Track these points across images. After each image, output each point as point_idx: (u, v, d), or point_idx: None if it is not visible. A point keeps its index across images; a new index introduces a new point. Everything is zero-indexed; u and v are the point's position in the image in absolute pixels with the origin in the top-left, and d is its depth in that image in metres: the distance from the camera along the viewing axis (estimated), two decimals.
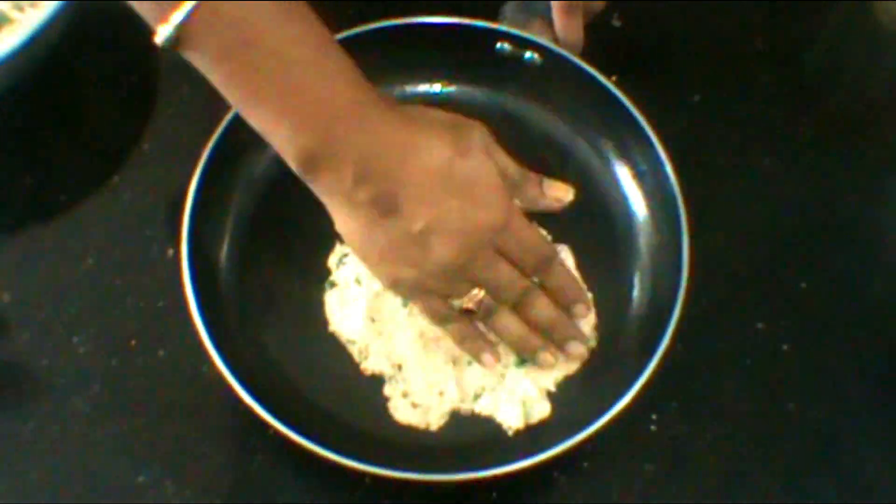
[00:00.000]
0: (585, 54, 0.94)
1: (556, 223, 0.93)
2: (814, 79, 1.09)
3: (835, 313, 0.94)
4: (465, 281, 0.81)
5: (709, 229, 0.89)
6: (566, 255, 0.92)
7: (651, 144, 0.91)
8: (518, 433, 0.86)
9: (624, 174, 0.96)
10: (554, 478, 0.86)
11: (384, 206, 0.75)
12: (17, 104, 0.98)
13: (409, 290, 0.82)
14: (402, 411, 0.87)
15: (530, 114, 0.98)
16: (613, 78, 0.93)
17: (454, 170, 0.77)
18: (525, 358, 0.88)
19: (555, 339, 0.87)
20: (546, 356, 0.87)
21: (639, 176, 0.95)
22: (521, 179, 0.88)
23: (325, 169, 0.74)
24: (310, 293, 0.91)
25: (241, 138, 0.89)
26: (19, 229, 0.95)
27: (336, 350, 0.89)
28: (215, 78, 0.72)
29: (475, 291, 0.82)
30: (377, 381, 0.88)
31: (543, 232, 0.92)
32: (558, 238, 0.93)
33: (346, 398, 0.87)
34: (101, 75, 1.02)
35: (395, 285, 0.82)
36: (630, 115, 0.92)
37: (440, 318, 0.84)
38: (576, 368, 0.89)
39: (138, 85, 1.02)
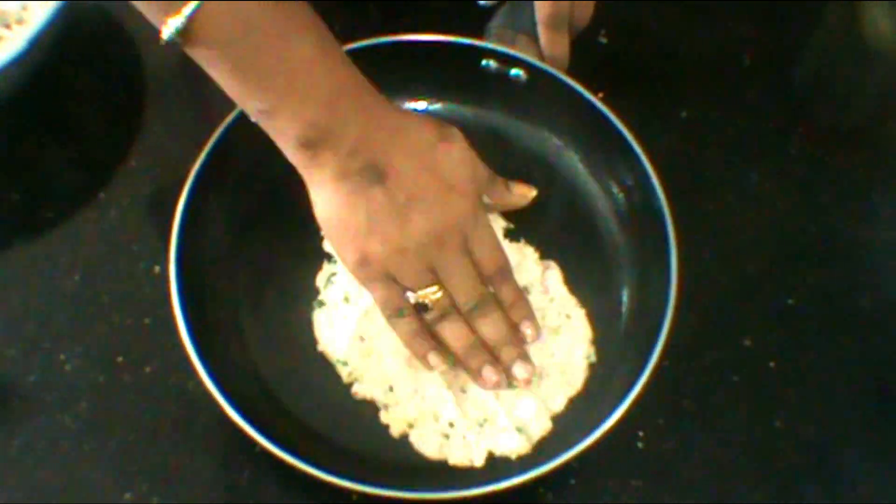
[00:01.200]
0: (572, 71, 0.94)
1: (544, 240, 0.94)
2: (801, 94, 1.09)
3: (822, 329, 0.94)
4: (429, 271, 0.83)
5: (696, 245, 0.90)
6: (554, 272, 0.93)
7: (638, 160, 0.91)
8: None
9: (612, 190, 0.96)
10: (541, 494, 0.86)
11: (372, 176, 0.80)
12: (3, 121, 0.98)
13: (374, 272, 0.83)
14: (430, 445, 0.86)
15: (516, 130, 0.98)
16: (600, 94, 0.93)
17: (436, 154, 0.82)
18: (467, 372, 0.87)
19: (502, 358, 0.87)
20: (489, 372, 0.86)
21: (627, 192, 0.95)
22: (491, 179, 0.89)
23: (324, 143, 0.78)
24: (298, 312, 0.91)
25: (230, 157, 0.90)
26: (5, 245, 0.95)
27: (324, 369, 0.89)
28: (220, 69, 0.76)
29: (434, 289, 0.83)
30: (366, 401, 0.88)
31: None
32: (546, 255, 0.93)
33: (333, 416, 0.86)
34: (88, 92, 1.02)
35: (362, 263, 0.82)
36: (617, 130, 0.92)
37: (394, 309, 0.85)
38: (578, 389, 0.89)
39: (125, 101, 1.02)
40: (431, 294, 0.84)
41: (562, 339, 0.90)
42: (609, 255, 0.94)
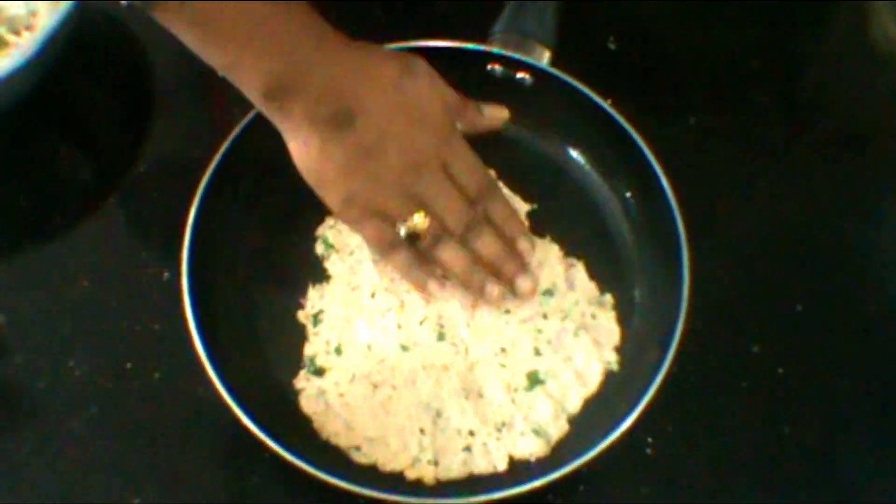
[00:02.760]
0: (580, 77, 0.94)
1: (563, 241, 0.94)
2: (809, 99, 1.09)
3: (830, 336, 0.94)
4: (413, 198, 0.84)
5: (703, 250, 0.89)
6: (579, 270, 0.93)
7: (649, 164, 0.91)
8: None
9: (622, 193, 0.96)
10: (549, 501, 0.86)
11: (341, 121, 0.80)
12: (12, 126, 0.98)
13: (359, 210, 0.84)
14: (454, 468, 0.85)
15: (524, 134, 0.98)
16: (609, 100, 0.93)
17: (403, 89, 0.83)
18: (471, 292, 0.89)
19: (504, 272, 0.89)
20: (491, 287, 0.88)
21: (637, 195, 0.95)
22: (461, 105, 0.89)
23: (288, 93, 0.79)
24: None
25: (242, 163, 0.90)
26: (15, 251, 0.95)
27: None
28: (180, 26, 0.76)
29: (421, 215, 0.84)
30: None
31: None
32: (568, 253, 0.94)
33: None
34: (96, 97, 1.03)
35: (347, 203, 0.83)
36: (626, 133, 0.92)
37: (387, 245, 0.86)
38: (593, 391, 0.89)
39: (134, 107, 1.02)
40: (419, 221, 0.84)
41: (581, 341, 0.90)
42: (620, 258, 0.94)
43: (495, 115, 0.93)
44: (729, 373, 0.92)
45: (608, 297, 0.92)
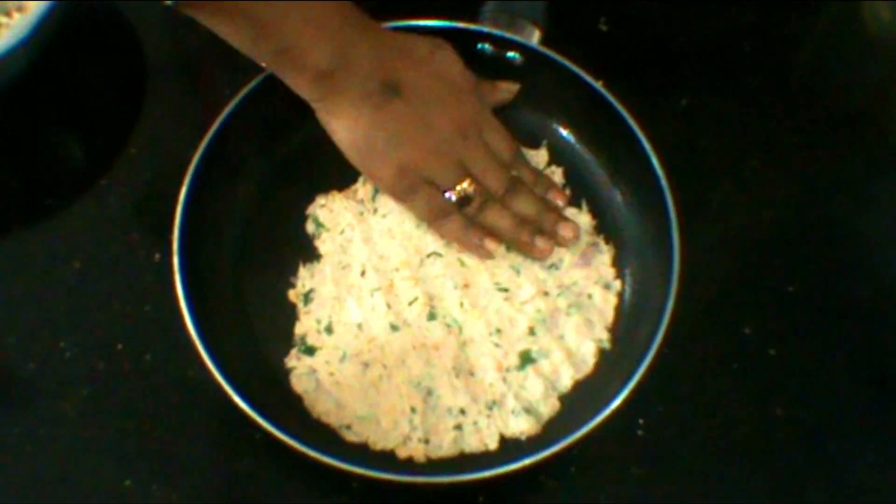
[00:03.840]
0: (572, 58, 0.94)
1: None
2: (801, 82, 1.09)
3: (821, 317, 0.95)
4: (460, 165, 0.88)
5: (695, 232, 0.89)
6: (602, 251, 0.94)
7: (640, 144, 0.90)
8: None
9: (612, 174, 0.96)
10: (541, 481, 0.86)
11: (390, 91, 0.85)
12: (3, 109, 0.98)
13: (411, 180, 0.87)
14: (445, 447, 0.86)
15: (516, 113, 0.97)
16: (601, 82, 0.93)
17: (436, 60, 0.89)
18: (520, 247, 0.91)
19: (545, 227, 0.91)
20: (542, 241, 0.90)
21: (628, 177, 0.95)
22: (476, 82, 0.93)
23: (342, 70, 0.83)
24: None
25: (232, 144, 0.89)
26: (5, 233, 0.95)
27: None
28: (228, 20, 0.79)
29: (468, 181, 0.88)
30: None
31: None
32: None
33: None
34: (88, 80, 1.02)
35: (400, 175, 0.87)
36: (616, 111, 0.92)
37: (439, 211, 0.89)
38: (586, 369, 0.89)
39: (125, 89, 1.02)
40: (468, 186, 0.88)
41: (573, 320, 0.90)
42: (611, 238, 0.94)
43: (507, 87, 0.96)
44: (721, 354, 0.92)
45: (617, 283, 0.92)
